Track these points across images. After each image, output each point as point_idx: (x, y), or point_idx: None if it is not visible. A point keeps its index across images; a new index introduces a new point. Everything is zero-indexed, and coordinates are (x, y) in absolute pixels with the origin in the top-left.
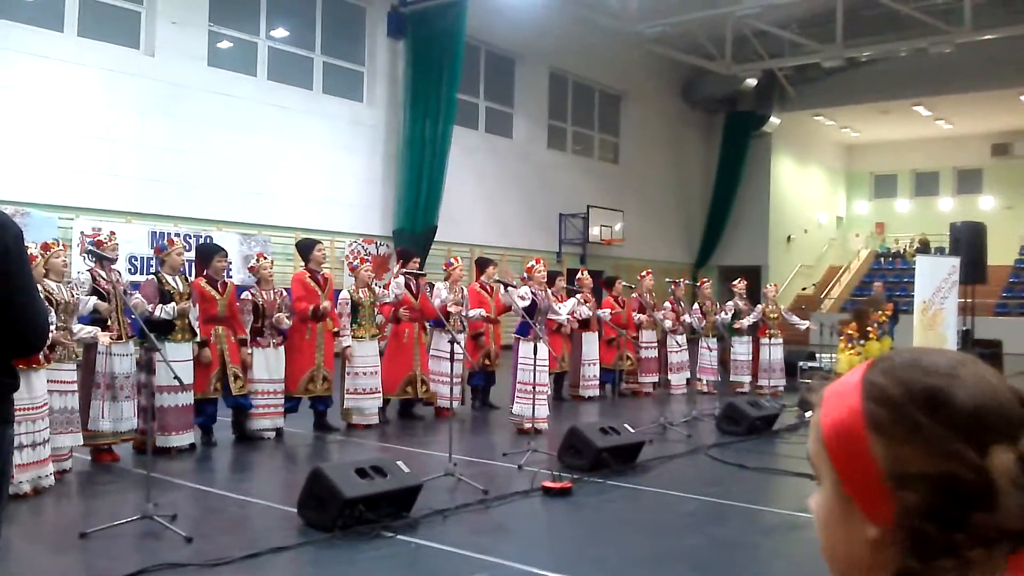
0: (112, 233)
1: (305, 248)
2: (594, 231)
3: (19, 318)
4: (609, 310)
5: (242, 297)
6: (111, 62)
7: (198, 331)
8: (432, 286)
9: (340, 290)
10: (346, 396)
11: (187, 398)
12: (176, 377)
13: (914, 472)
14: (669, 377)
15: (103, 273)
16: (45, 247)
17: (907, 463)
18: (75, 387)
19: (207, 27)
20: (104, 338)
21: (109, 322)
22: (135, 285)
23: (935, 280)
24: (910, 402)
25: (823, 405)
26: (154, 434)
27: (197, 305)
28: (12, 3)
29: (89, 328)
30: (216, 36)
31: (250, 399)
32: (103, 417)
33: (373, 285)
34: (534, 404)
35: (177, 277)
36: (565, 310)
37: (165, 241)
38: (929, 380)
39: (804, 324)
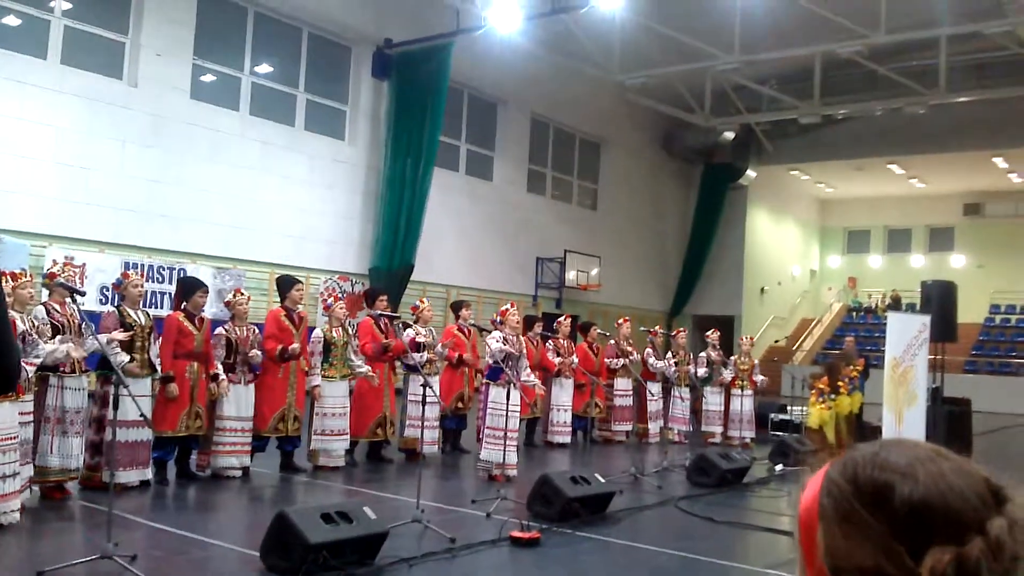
0: (66, 263)
1: (284, 285)
2: (570, 275)
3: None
4: (576, 358)
5: (215, 332)
6: (93, 91)
7: (158, 367)
8: (405, 327)
9: (314, 328)
10: (314, 436)
11: (144, 434)
12: (145, 419)
13: (850, 565)
14: (649, 426)
15: (57, 306)
16: (13, 277)
17: (846, 555)
18: (31, 418)
19: (191, 60)
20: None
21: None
22: (95, 317)
23: (905, 337)
24: (856, 497)
25: (804, 489)
26: (113, 470)
27: (159, 341)
28: None
29: (58, 347)
30: (200, 69)
31: (199, 440)
32: (51, 452)
33: (347, 324)
34: (504, 450)
35: (139, 310)
36: (529, 381)
37: (120, 275)
38: (879, 476)
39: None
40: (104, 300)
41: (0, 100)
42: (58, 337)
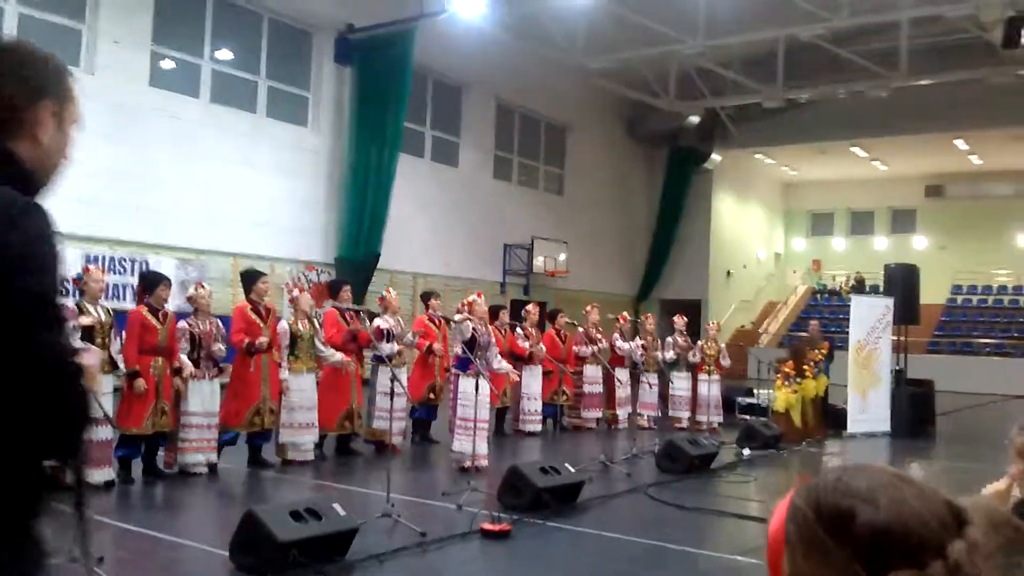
0: None
1: (249, 279)
2: (538, 262)
3: None
4: (543, 346)
5: (179, 326)
6: None
7: (120, 363)
8: (371, 317)
9: (279, 318)
10: (281, 430)
11: (106, 433)
12: (107, 417)
13: None
14: (617, 412)
15: None
16: None
17: None
18: None
19: (150, 47)
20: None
21: None
22: None
23: (869, 320)
24: (817, 522)
25: (773, 512)
26: (78, 465)
27: (121, 336)
28: None
29: None
30: (159, 56)
31: (166, 436)
32: None
33: (313, 315)
34: (475, 441)
35: (98, 306)
36: (499, 367)
37: (81, 269)
38: (842, 502)
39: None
40: (65, 292)
41: None
42: None
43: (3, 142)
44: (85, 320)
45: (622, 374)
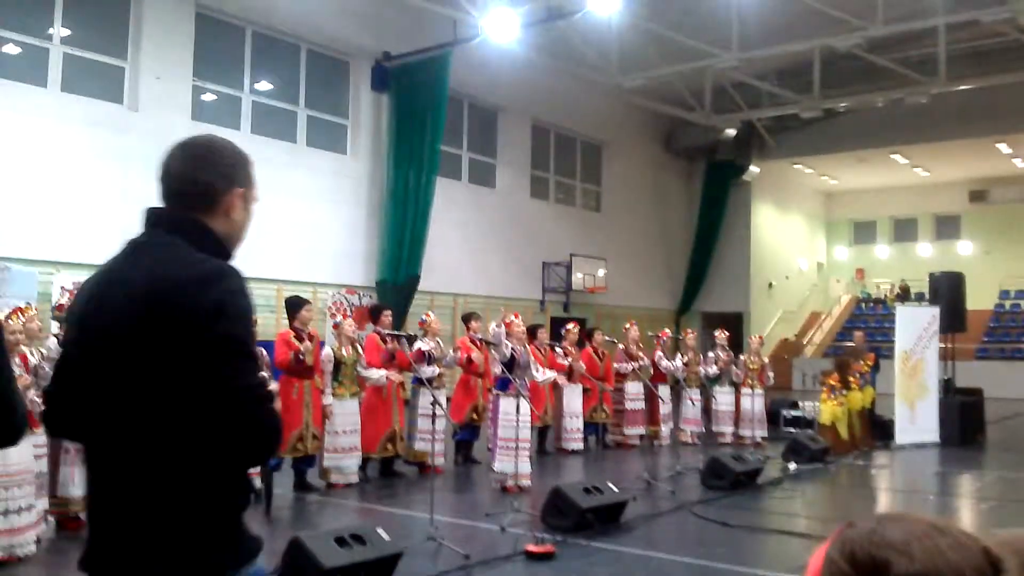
0: (72, 293)
1: (293, 306)
2: (577, 278)
3: (4, 406)
4: (583, 364)
5: None
6: (94, 117)
7: None
8: (412, 340)
9: (323, 343)
10: (325, 454)
11: None
12: None
13: None
14: (661, 428)
15: None
16: (19, 312)
17: None
18: (46, 450)
19: (191, 81)
20: None
21: None
22: None
23: (915, 330)
24: (852, 574)
25: (809, 563)
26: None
27: None
28: None
29: None
30: (200, 90)
31: None
32: (73, 482)
33: (357, 341)
34: (517, 461)
35: None
36: (544, 377)
37: None
38: (876, 553)
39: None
40: None
41: (2, 130)
42: None
43: (202, 219)
44: None
45: (664, 391)
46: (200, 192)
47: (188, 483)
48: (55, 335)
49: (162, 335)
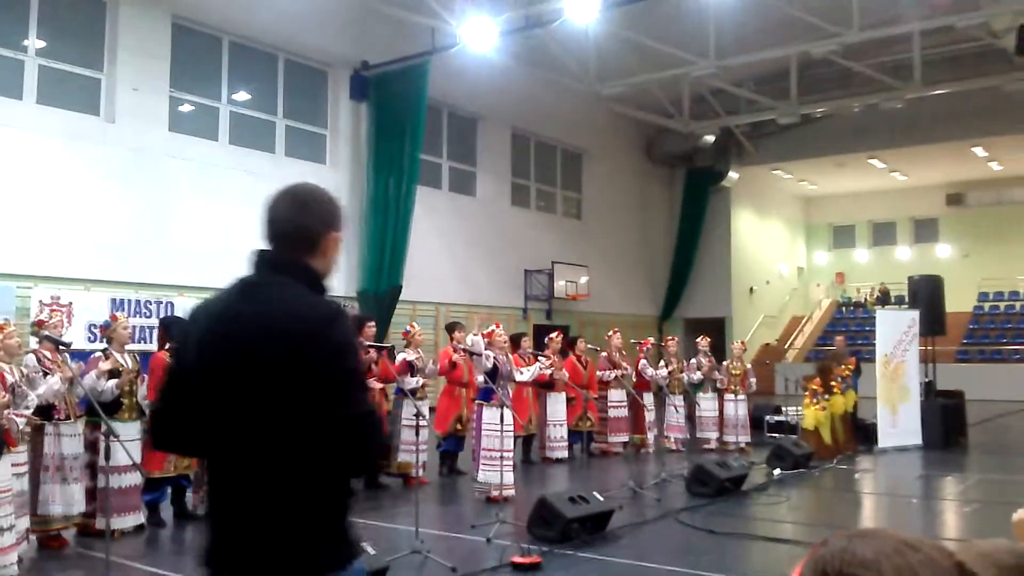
0: (54, 310)
1: None
2: (559, 286)
3: None
4: (565, 372)
5: None
6: (71, 129)
7: (146, 409)
8: (393, 352)
9: None
10: None
11: (135, 479)
12: (135, 464)
13: None
14: (647, 436)
15: (47, 353)
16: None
17: None
18: (26, 468)
19: (168, 92)
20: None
21: (56, 403)
22: (84, 355)
23: (895, 333)
24: None
25: None
26: (108, 516)
27: (146, 382)
28: None
29: (49, 384)
30: (177, 101)
31: (191, 478)
32: (54, 501)
33: None
34: (501, 471)
35: (125, 354)
36: (528, 375)
37: (109, 318)
38: (847, 571)
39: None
40: (93, 338)
41: None
42: (48, 378)
43: (305, 259)
44: (104, 365)
45: (648, 398)
46: (303, 236)
47: (304, 491)
48: (33, 351)
49: (294, 365)
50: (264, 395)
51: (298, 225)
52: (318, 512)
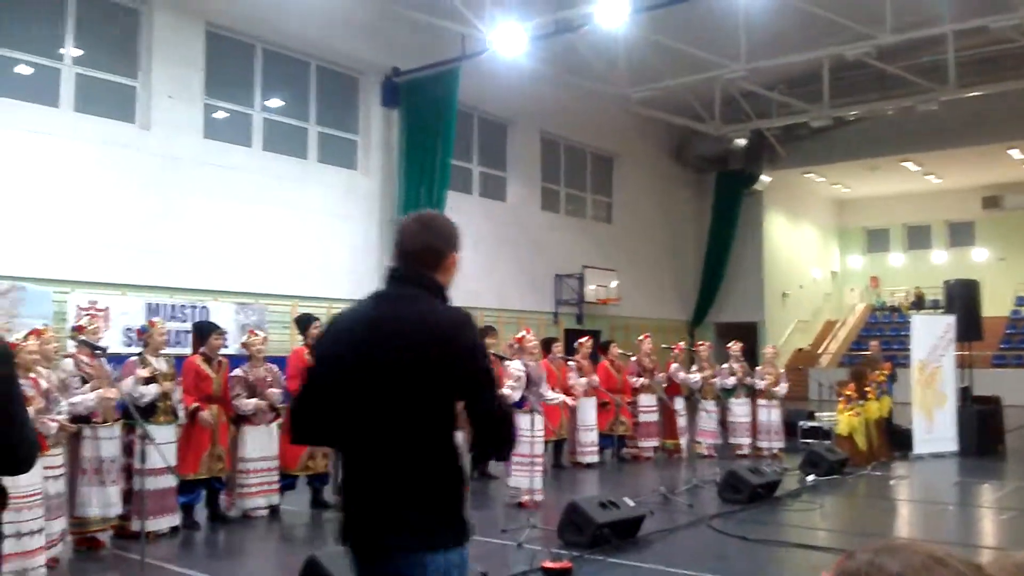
0: (93, 316)
1: (303, 324)
2: (590, 290)
3: (5, 444)
4: (596, 378)
5: (233, 374)
6: (107, 136)
7: (180, 413)
8: None
9: None
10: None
11: (170, 481)
12: (168, 466)
13: None
14: (680, 441)
15: (85, 358)
16: (36, 334)
17: None
18: (64, 471)
19: (202, 100)
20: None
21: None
22: (120, 359)
23: (931, 339)
24: None
25: None
26: (143, 518)
27: (181, 385)
28: (8, 79)
29: (84, 399)
30: (211, 108)
31: (224, 480)
32: (91, 503)
33: None
34: (532, 476)
35: (160, 358)
36: (552, 397)
37: (147, 323)
38: None
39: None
40: (129, 342)
41: (15, 150)
42: (87, 385)
43: (431, 274)
44: (142, 372)
45: (680, 403)
46: (429, 254)
47: (434, 476)
48: (71, 355)
49: (431, 366)
50: (403, 391)
51: (425, 245)
52: (444, 495)
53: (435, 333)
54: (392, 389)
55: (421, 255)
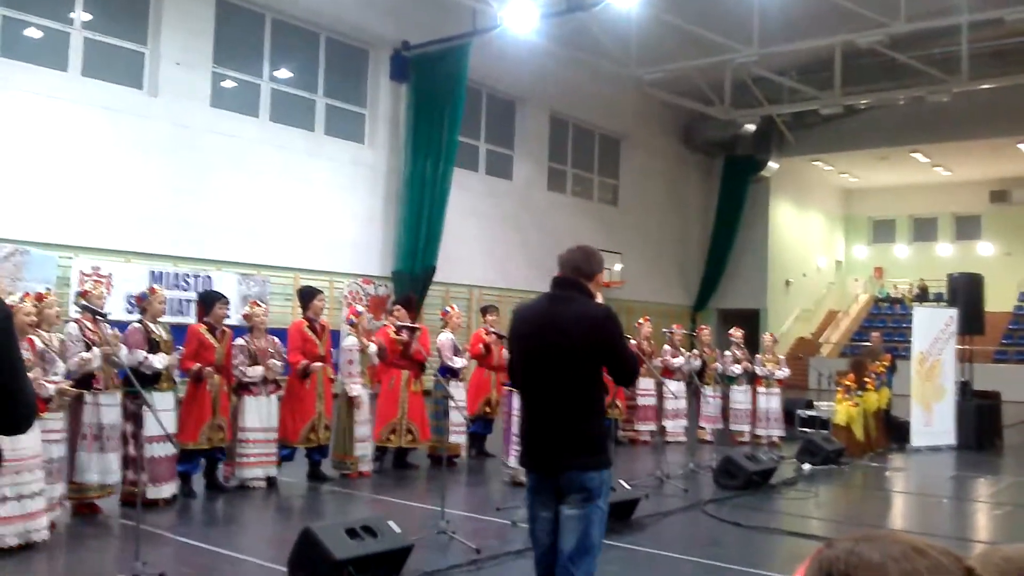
0: (97, 281)
1: (306, 296)
2: None
3: (4, 402)
4: None
5: (235, 343)
6: (114, 102)
7: (176, 380)
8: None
9: (337, 331)
10: (357, 444)
11: (167, 449)
12: (167, 435)
13: None
14: (664, 424)
15: (89, 324)
16: (39, 298)
17: None
18: (64, 435)
19: (211, 68)
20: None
21: (95, 372)
22: (121, 326)
23: (932, 331)
24: None
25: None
26: (144, 486)
27: (180, 352)
28: (17, 42)
29: (78, 359)
30: (219, 77)
31: (224, 451)
32: (90, 469)
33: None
34: None
35: (160, 325)
36: None
37: (147, 290)
38: (852, 574)
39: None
40: (131, 309)
41: (23, 113)
42: (82, 354)
43: (585, 284)
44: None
45: (678, 387)
46: (586, 273)
47: (594, 421)
48: (75, 320)
49: (595, 342)
50: (569, 357)
51: (583, 266)
52: (600, 434)
53: (591, 322)
54: (565, 359)
55: (580, 271)
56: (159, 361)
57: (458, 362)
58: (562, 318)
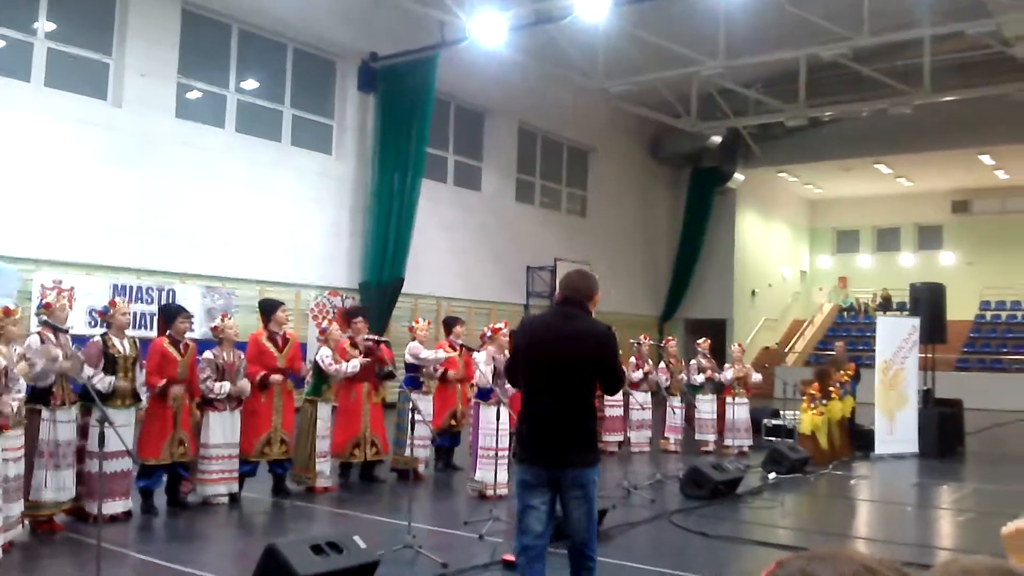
0: (60, 293)
1: (267, 309)
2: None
3: None
4: None
5: (203, 356)
6: (78, 113)
7: (143, 396)
8: (388, 344)
9: (305, 344)
10: (317, 460)
11: (123, 464)
12: (127, 450)
13: None
14: (629, 435)
15: (51, 336)
16: (7, 312)
17: None
18: (22, 453)
19: (176, 79)
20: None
21: (53, 387)
22: (82, 341)
23: (895, 340)
24: None
25: None
26: (100, 504)
27: (144, 368)
28: None
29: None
30: (185, 88)
31: (188, 467)
32: (46, 487)
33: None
34: (496, 469)
35: (125, 340)
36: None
37: (108, 303)
38: None
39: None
40: (93, 323)
41: None
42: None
43: (586, 303)
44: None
45: (640, 397)
46: (585, 293)
47: (585, 416)
48: (37, 333)
49: (599, 355)
50: (575, 367)
51: (582, 288)
52: (590, 428)
53: (596, 338)
54: (573, 368)
55: (581, 292)
56: (101, 384)
57: (430, 354)
58: (573, 332)
